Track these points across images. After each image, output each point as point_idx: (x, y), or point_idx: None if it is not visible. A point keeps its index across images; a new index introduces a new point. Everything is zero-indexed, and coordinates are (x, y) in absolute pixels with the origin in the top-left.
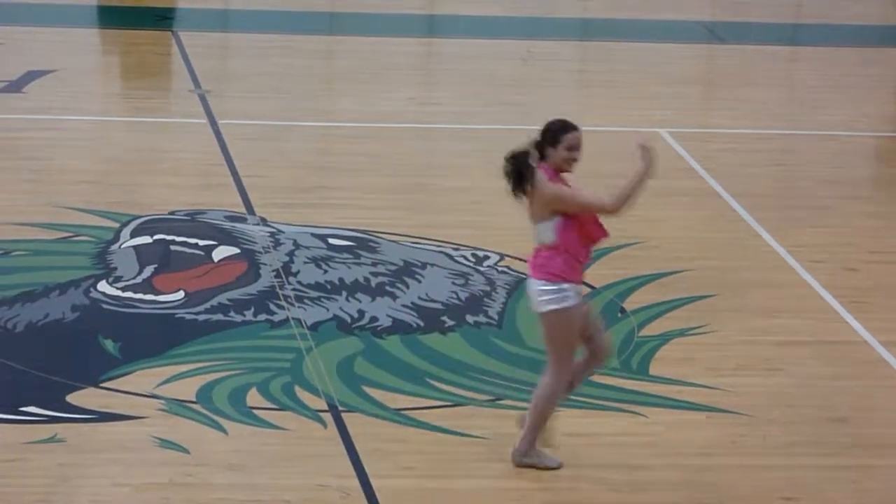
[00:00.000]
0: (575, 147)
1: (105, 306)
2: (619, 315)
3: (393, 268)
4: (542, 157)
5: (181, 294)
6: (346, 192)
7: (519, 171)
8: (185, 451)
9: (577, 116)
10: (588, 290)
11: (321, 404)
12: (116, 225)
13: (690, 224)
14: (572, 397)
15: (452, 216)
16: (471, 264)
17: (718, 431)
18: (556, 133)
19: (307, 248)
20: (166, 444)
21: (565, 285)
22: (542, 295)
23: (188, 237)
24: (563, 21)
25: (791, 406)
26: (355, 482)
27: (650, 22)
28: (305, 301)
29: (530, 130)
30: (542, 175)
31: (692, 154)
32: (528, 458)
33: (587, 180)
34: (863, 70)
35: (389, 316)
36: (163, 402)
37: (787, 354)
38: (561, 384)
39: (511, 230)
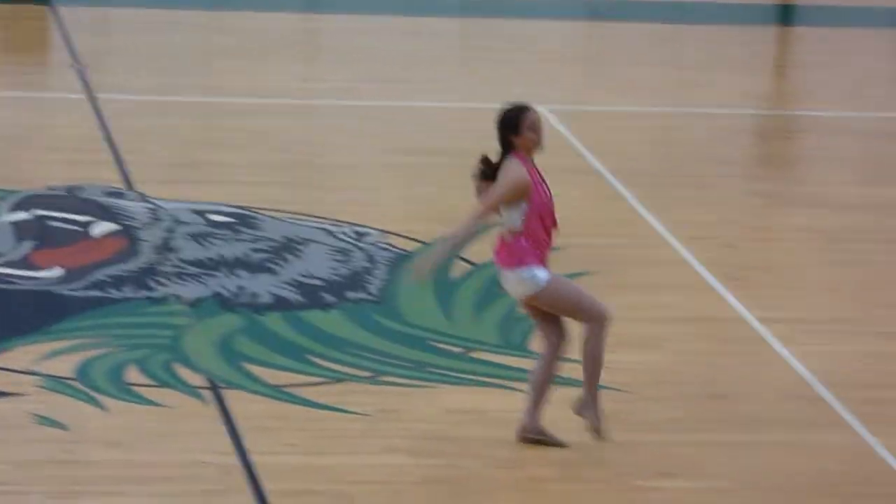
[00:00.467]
0: (537, 127)
1: None
2: (499, 291)
3: (274, 244)
4: (512, 147)
5: (60, 270)
6: (227, 168)
7: (484, 172)
8: (64, 427)
9: (460, 94)
10: (469, 266)
11: (201, 381)
12: None
13: (571, 202)
14: (452, 373)
15: (334, 193)
16: (352, 241)
17: None
18: (515, 119)
19: (187, 224)
20: (45, 421)
21: (534, 268)
22: (519, 284)
23: (67, 213)
24: None
25: (670, 382)
26: (235, 459)
27: None
28: (185, 277)
29: (411, 107)
30: (512, 160)
31: (573, 132)
32: (588, 412)
33: (468, 158)
34: (743, 48)
35: (270, 292)
36: (41, 378)
37: (666, 331)
38: (599, 326)
39: (392, 207)
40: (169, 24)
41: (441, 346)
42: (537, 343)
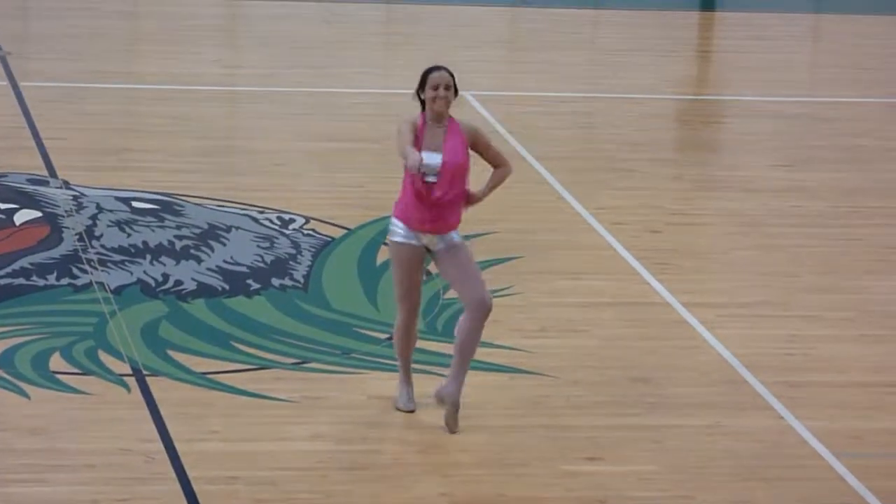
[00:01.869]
0: (437, 86)
1: None
2: (424, 278)
3: (198, 231)
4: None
5: None
6: (150, 155)
7: None
8: None
9: (382, 79)
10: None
11: (125, 368)
12: None
13: None
14: (378, 359)
15: (257, 179)
16: (276, 227)
17: (522, 393)
18: (422, 78)
19: (111, 211)
20: None
21: (393, 218)
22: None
23: None
24: None
25: (594, 367)
26: (160, 446)
27: None
28: (109, 265)
29: (332, 93)
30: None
31: (497, 116)
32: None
33: (386, 143)
34: (664, 33)
35: (194, 279)
36: None
37: (590, 316)
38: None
39: (316, 193)
40: (90, 10)
41: (366, 332)
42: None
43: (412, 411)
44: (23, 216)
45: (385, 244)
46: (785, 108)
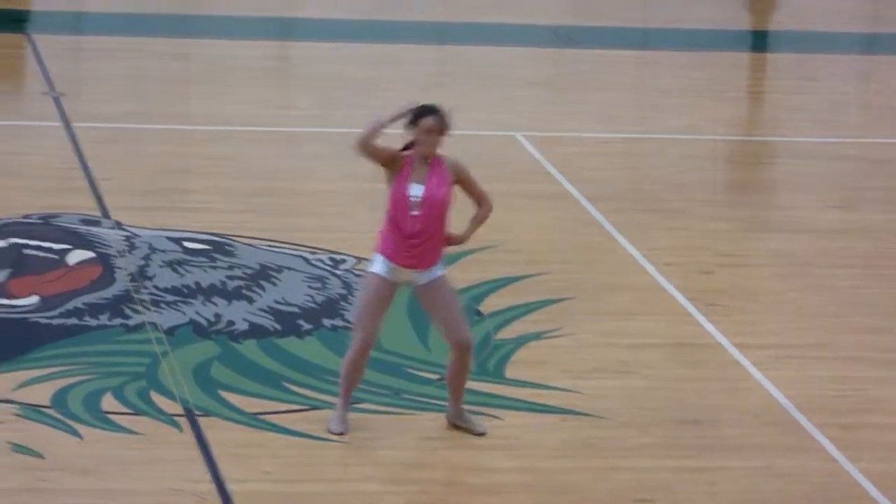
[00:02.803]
0: (430, 130)
1: None
2: (476, 318)
3: (249, 271)
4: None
5: (35, 298)
6: (202, 196)
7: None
8: (40, 455)
9: None
10: None
11: (177, 409)
12: None
13: (546, 227)
14: (429, 399)
15: (309, 219)
16: (327, 268)
17: (573, 434)
18: (414, 117)
19: (163, 251)
20: (20, 448)
21: (377, 255)
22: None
23: (42, 241)
24: (415, 25)
25: (645, 408)
26: (211, 486)
27: (503, 25)
28: (161, 305)
29: (383, 134)
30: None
31: (546, 157)
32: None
33: None
34: (709, 73)
35: (246, 320)
36: (17, 406)
37: (641, 357)
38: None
39: (367, 233)
40: (142, 52)
41: (417, 372)
42: (513, 369)
43: (342, 433)
44: (76, 256)
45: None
46: (836, 149)
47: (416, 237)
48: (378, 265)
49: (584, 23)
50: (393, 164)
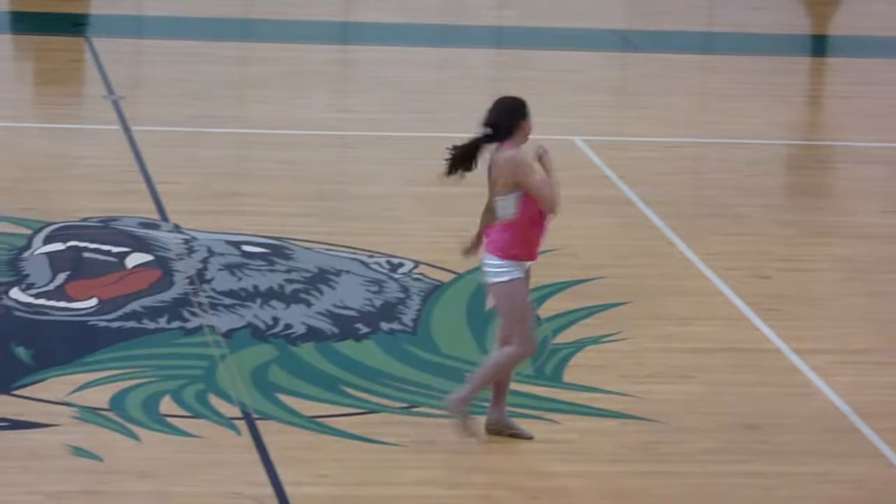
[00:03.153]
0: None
1: (17, 313)
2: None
3: (307, 275)
4: (509, 134)
5: (94, 301)
6: (261, 199)
7: (468, 152)
8: (98, 458)
9: None
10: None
11: (235, 412)
12: (29, 231)
13: (604, 232)
14: (486, 404)
15: (367, 223)
16: (385, 271)
17: (632, 438)
18: (523, 105)
19: (221, 255)
20: (79, 451)
21: (510, 262)
22: (488, 268)
23: (101, 244)
24: (477, 29)
25: (704, 413)
26: (269, 490)
27: (564, 30)
28: (219, 308)
29: (444, 138)
30: (506, 147)
31: (606, 162)
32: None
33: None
34: (773, 78)
35: (304, 323)
36: (76, 409)
37: (700, 362)
38: (519, 353)
39: (425, 237)
40: (201, 55)
41: None
42: (571, 373)
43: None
44: (134, 259)
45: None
46: (894, 153)
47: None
48: (516, 272)
49: (646, 27)
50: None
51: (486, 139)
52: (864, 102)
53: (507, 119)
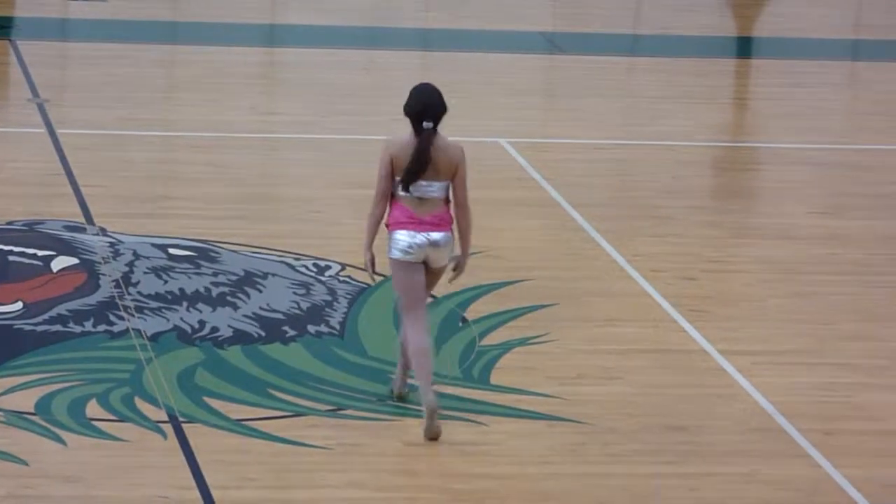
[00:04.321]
0: None
1: None
2: (461, 325)
3: (234, 278)
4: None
5: (19, 305)
6: (187, 202)
7: (425, 154)
8: (24, 463)
9: None
10: (429, 299)
11: (162, 415)
12: None
13: (531, 234)
14: (413, 406)
15: (294, 226)
16: (312, 274)
17: (559, 440)
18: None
19: (147, 258)
20: (4, 456)
21: None
22: (452, 248)
23: (26, 247)
24: (404, 31)
25: (631, 414)
26: (196, 493)
27: (490, 32)
28: (145, 311)
29: (371, 140)
30: (444, 136)
31: (532, 164)
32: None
33: None
34: (700, 80)
35: (230, 326)
36: (1, 413)
37: (626, 363)
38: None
39: (353, 240)
40: (126, 58)
41: None
42: (498, 375)
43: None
44: (60, 263)
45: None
46: (821, 155)
47: None
48: None
49: (572, 29)
50: None
51: (434, 132)
52: (789, 104)
53: (440, 112)
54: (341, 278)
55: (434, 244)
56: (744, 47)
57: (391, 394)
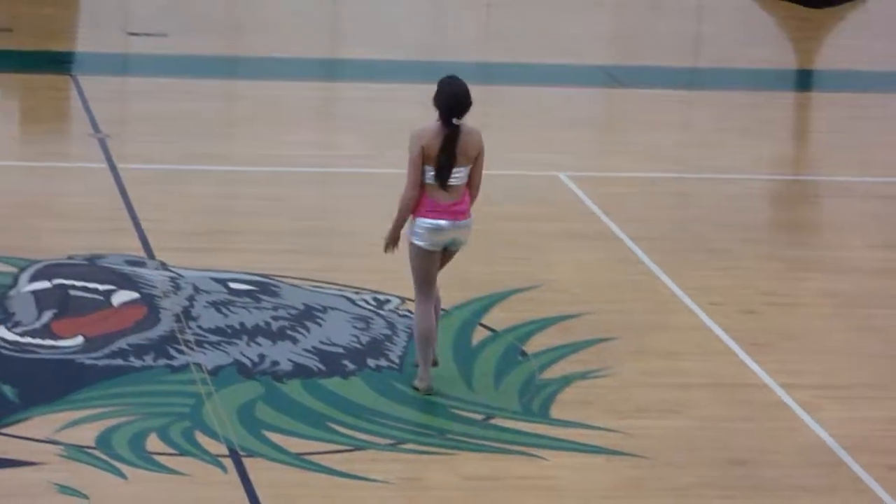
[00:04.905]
0: None
1: (3, 351)
2: (520, 358)
3: (294, 312)
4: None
5: (80, 339)
6: (247, 236)
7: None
8: (84, 496)
9: None
10: (489, 333)
11: (222, 449)
12: (15, 270)
13: (590, 267)
14: (472, 440)
15: (353, 260)
16: (372, 308)
17: (619, 474)
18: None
19: (207, 292)
20: (65, 490)
21: None
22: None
23: (87, 282)
24: (462, 65)
25: (691, 448)
26: None
27: (549, 66)
28: (205, 345)
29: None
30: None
31: (591, 197)
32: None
33: (486, 224)
34: (757, 113)
35: (290, 360)
36: (62, 447)
37: (686, 397)
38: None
39: (410, 274)
40: (187, 93)
41: (461, 412)
42: (558, 409)
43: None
44: (120, 297)
45: (481, 325)
46: (881, 188)
47: None
48: None
49: (629, 62)
50: None
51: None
52: (848, 137)
53: (467, 106)
54: (401, 312)
55: (460, 228)
56: (803, 80)
57: (416, 390)
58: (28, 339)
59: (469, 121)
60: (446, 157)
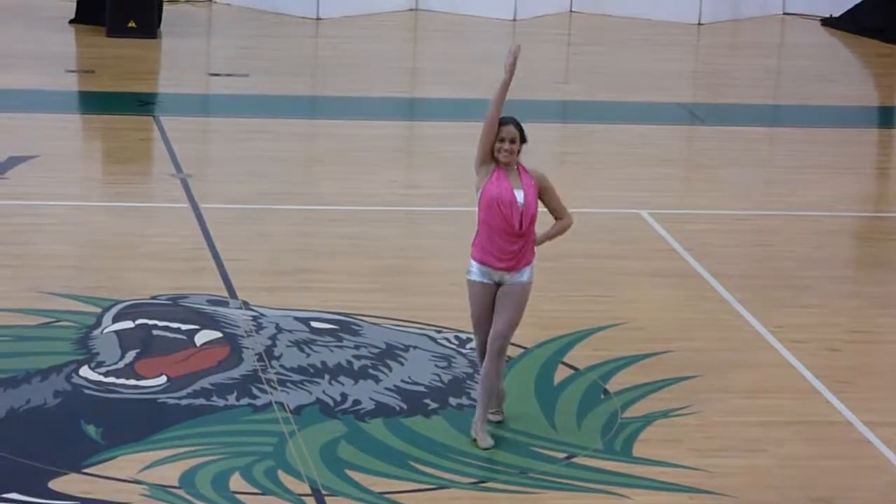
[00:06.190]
0: (503, 139)
1: (87, 391)
2: (602, 396)
3: (376, 350)
4: None
5: (163, 379)
6: (328, 275)
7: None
8: None
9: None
10: (571, 371)
11: (304, 488)
12: (98, 310)
13: (672, 304)
14: (555, 478)
15: (434, 298)
16: (454, 346)
17: None
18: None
19: (290, 331)
20: None
21: (472, 260)
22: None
23: (170, 321)
24: (542, 103)
25: (775, 487)
26: None
27: (629, 104)
28: (288, 385)
29: None
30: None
31: (672, 234)
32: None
33: (564, 261)
34: (841, 150)
35: (372, 399)
36: (145, 487)
37: (770, 435)
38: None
39: None
40: (268, 133)
41: (543, 451)
42: (640, 447)
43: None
44: (203, 337)
45: (563, 363)
46: None
47: (519, 240)
48: (474, 273)
49: (710, 100)
50: (489, 163)
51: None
52: None
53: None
54: None
55: None
56: (885, 117)
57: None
58: (112, 379)
59: (550, 159)
60: None
